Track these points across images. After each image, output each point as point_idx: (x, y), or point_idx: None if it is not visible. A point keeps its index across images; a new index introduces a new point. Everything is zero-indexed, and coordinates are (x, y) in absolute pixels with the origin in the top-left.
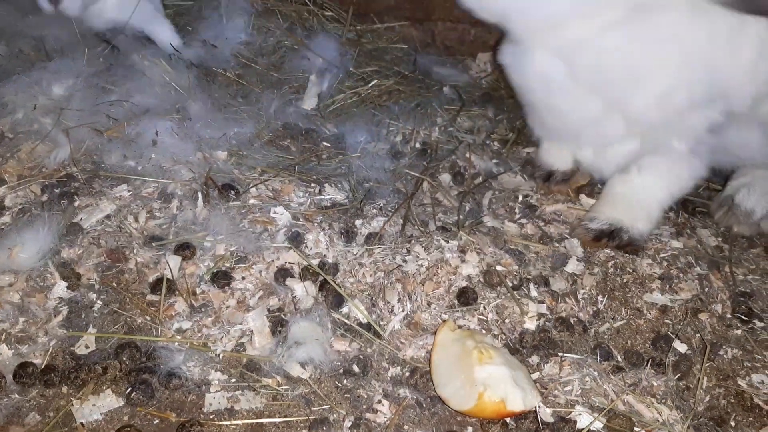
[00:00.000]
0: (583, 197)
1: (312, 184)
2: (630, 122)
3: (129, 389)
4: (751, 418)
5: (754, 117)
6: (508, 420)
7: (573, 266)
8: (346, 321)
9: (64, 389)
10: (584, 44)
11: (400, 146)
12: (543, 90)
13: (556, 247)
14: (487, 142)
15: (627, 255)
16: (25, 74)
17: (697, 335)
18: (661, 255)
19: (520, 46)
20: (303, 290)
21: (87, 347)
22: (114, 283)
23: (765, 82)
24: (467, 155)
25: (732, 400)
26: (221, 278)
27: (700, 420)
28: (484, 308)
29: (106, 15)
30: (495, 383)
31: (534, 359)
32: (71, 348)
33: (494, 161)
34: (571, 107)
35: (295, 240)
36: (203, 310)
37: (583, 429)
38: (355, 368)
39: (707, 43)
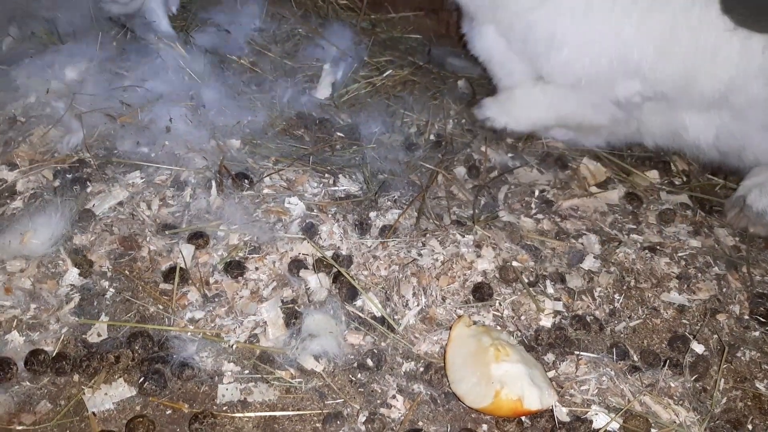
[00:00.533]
0: (594, 188)
1: (326, 175)
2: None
3: (141, 379)
4: None
5: (689, 102)
6: (523, 418)
7: (590, 263)
8: (360, 314)
9: (76, 377)
10: (518, 17)
11: (415, 138)
12: (488, 58)
13: (572, 243)
14: (498, 135)
15: (645, 253)
16: (38, 57)
17: (715, 336)
18: (679, 254)
19: (475, 22)
20: (317, 282)
21: (99, 335)
22: (126, 271)
23: (684, 66)
24: (483, 148)
25: (749, 403)
26: (235, 268)
27: (717, 422)
28: (500, 304)
29: None
30: (512, 381)
31: (549, 357)
32: (83, 336)
33: (510, 155)
34: (509, 72)
35: (309, 231)
36: (216, 300)
37: (599, 429)
38: (369, 362)
39: (615, 18)
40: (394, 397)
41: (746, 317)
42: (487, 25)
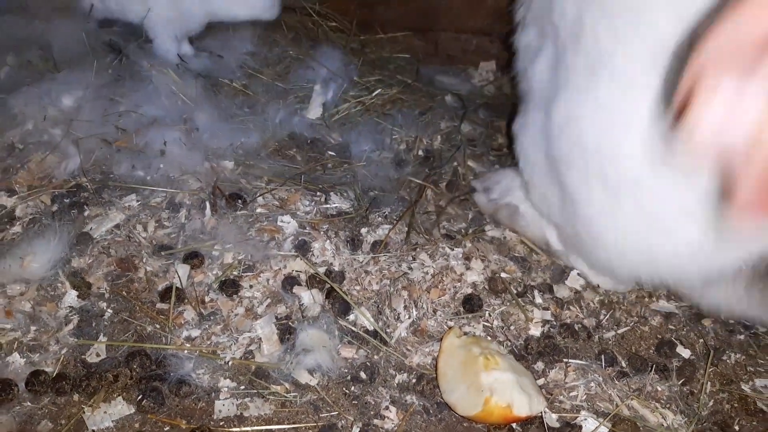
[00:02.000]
0: None
1: (318, 193)
2: None
3: (140, 396)
4: (754, 422)
5: None
6: (514, 425)
7: (573, 281)
8: (353, 328)
9: (76, 397)
10: None
11: (404, 154)
12: None
13: (555, 258)
14: (485, 151)
15: None
16: (35, 85)
17: (701, 341)
18: None
19: None
20: (310, 298)
21: (98, 355)
22: (124, 292)
23: None
24: (468, 163)
25: (736, 405)
26: (229, 287)
27: (704, 424)
28: (489, 315)
29: None
30: (501, 389)
31: (539, 365)
32: (82, 356)
33: (495, 167)
34: None
35: (302, 248)
36: (212, 318)
37: None
38: (363, 375)
39: None
40: (387, 408)
41: (731, 321)
42: None
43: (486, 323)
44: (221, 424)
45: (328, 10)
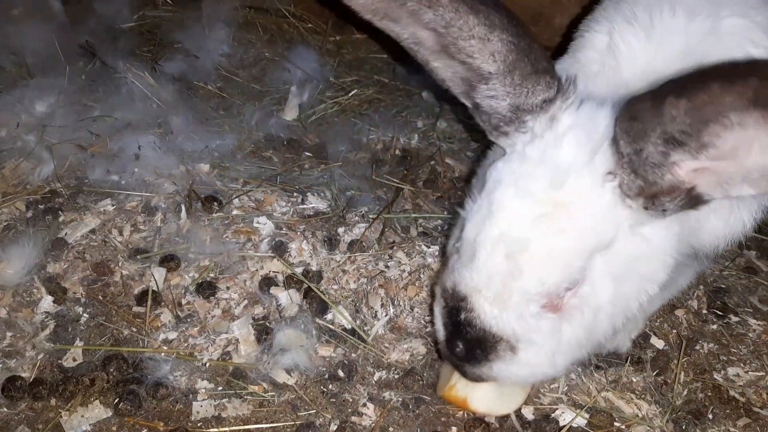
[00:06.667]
0: None
1: (294, 194)
2: None
3: (117, 400)
4: (727, 411)
5: None
6: (491, 420)
7: None
8: (331, 327)
9: (53, 402)
10: None
11: (381, 154)
12: None
13: None
14: (463, 147)
15: None
16: (8, 92)
17: (674, 331)
18: None
19: None
20: (287, 298)
21: (74, 360)
22: (100, 296)
23: None
24: (446, 161)
25: (709, 394)
26: (206, 289)
27: (679, 414)
28: None
29: None
30: (467, 381)
31: None
32: (59, 361)
33: (473, 162)
34: None
35: (279, 249)
36: (189, 320)
37: (564, 426)
38: (341, 373)
39: None
40: (365, 405)
41: (704, 311)
42: None
43: None
44: (199, 425)
45: (304, 11)
